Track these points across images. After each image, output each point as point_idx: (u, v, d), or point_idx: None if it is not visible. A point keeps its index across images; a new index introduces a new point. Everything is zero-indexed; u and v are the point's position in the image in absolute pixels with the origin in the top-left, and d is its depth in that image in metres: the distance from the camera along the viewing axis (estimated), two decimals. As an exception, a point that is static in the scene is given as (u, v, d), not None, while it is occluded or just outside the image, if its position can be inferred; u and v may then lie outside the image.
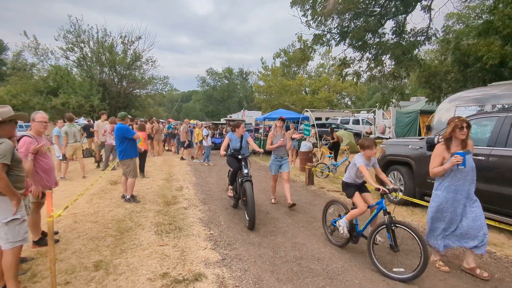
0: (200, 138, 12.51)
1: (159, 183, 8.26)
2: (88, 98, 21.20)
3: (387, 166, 6.60)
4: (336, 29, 11.49)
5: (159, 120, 18.54)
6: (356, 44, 11.17)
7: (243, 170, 5.23)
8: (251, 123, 23.20)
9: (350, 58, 12.05)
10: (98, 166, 10.57)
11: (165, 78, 28.40)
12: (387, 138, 17.81)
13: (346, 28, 11.20)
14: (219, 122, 25.07)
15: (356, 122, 23.30)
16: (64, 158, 8.65)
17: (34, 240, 3.95)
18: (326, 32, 11.61)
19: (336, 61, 14.45)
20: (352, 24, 11.13)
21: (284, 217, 5.48)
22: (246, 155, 5.59)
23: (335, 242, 4.19)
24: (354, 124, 23.00)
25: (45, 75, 23.42)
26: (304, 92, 36.07)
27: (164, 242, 4.20)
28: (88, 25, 27.77)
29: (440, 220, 3.47)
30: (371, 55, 11.66)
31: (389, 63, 11.68)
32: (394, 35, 11.24)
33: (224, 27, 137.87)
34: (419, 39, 10.92)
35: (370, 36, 11.10)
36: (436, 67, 11.83)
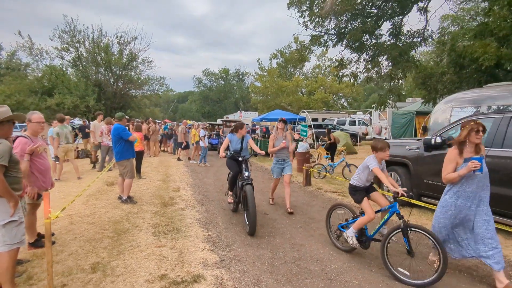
0: (196, 139, 12.47)
1: (156, 184, 8.21)
2: (83, 99, 21.05)
3: (385, 166, 6.61)
4: (333, 30, 11.56)
5: (155, 121, 18.43)
6: (353, 45, 11.24)
7: (244, 172, 5.03)
8: (247, 124, 23.18)
9: (347, 59, 12.13)
10: (94, 167, 10.49)
11: (161, 79, 28.31)
12: (383, 139, 17.87)
13: (343, 29, 11.27)
14: (215, 123, 25.00)
15: (353, 123, 23.40)
16: (57, 159, 8.57)
17: (30, 242, 3.89)
18: (324, 33, 11.67)
19: (333, 62, 14.52)
20: (349, 25, 11.20)
21: (282, 218, 5.47)
22: (247, 157, 5.38)
23: (342, 248, 4.01)
24: (351, 125, 23.10)
25: (39, 75, 23.24)
26: (301, 93, 36.20)
27: (161, 244, 4.16)
28: (84, 25, 27.56)
29: (447, 226, 3.34)
30: (368, 56, 11.73)
31: (386, 64, 11.77)
32: (391, 37, 11.32)
33: (220, 27, 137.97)
34: (415, 40, 11.02)
35: (367, 37, 11.18)
36: (432, 69, 11.92)
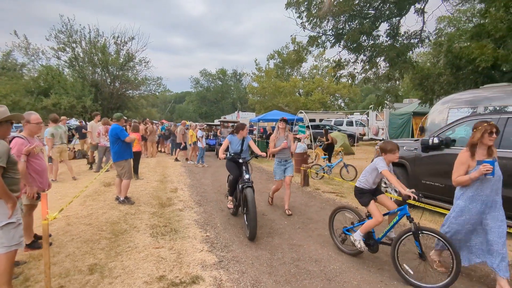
0: (194, 140, 12.44)
1: (153, 185, 8.18)
2: (80, 99, 20.98)
3: (382, 167, 6.63)
4: (331, 31, 11.58)
5: (152, 121, 18.40)
6: (351, 46, 11.27)
7: (244, 175, 4.86)
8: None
9: (345, 60, 12.17)
10: (91, 168, 10.43)
11: (158, 79, 28.35)
12: (380, 140, 17.98)
13: (341, 30, 11.30)
14: (213, 123, 24.97)
15: (350, 123, 23.49)
16: (49, 160, 8.49)
17: (27, 243, 3.85)
18: (321, 34, 11.69)
19: (330, 63, 14.58)
20: (347, 26, 11.24)
21: (280, 218, 5.46)
22: (247, 159, 5.21)
23: (348, 251, 3.91)
24: (348, 125, 23.19)
25: (35, 75, 23.14)
26: (298, 93, 36.24)
27: (160, 245, 4.14)
28: (80, 25, 27.63)
29: (460, 232, 3.21)
30: (365, 57, 11.78)
31: (383, 65, 11.82)
32: (388, 38, 11.37)
33: (218, 28, 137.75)
34: (412, 41, 11.07)
35: (364, 38, 11.22)
36: (428, 70, 12.00)
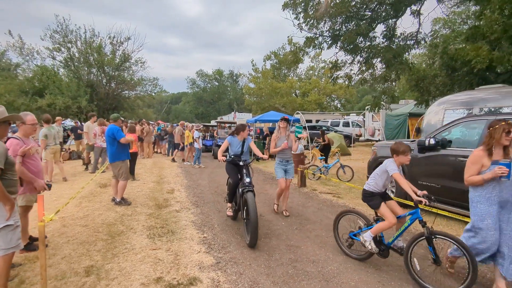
0: (190, 140, 12.41)
1: (150, 186, 8.14)
2: (75, 99, 20.85)
3: (379, 168, 6.66)
4: (328, 32, 11.63)
5: (148, 122, 18.29)
6: (348, 47, 11.32)
7: (245, 178, 4.65)
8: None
9: (342, 61, 12.21)
10: (87, 169, 10.35)
11: (154, 80, 28.25)
12: (376, 141, 18.06)
13: (338, 31, 11.35)
14: (209, 124, 24.92)
15: (346, 124, 23.59)
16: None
17: (22, 245, 3.82)
18: (318, 35, 11.73)
19: (327, 64, 14.64)
20: (344, 27, 11.29)
21: (277, 219, 5.46)
22: (248, 162, 5.01)
23: (355, 256, 3.82)
24: (344, 126, 23.28)
25: (30, 75, 22.95)
26: (295, 94, 36.32)
27: (157, 246, 4.12)
28: (76, 25, 27.38)
29: (486, 240, 2.99)
30: (362, 58, 11.83)
31: (379, 67, 11.88)
32: (385, 39, 11.45)
33: (214, 29, 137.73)
34: (408, 43, 11.15)
35: (361, 40, 11.29)
36: (424, 71, 12.07)
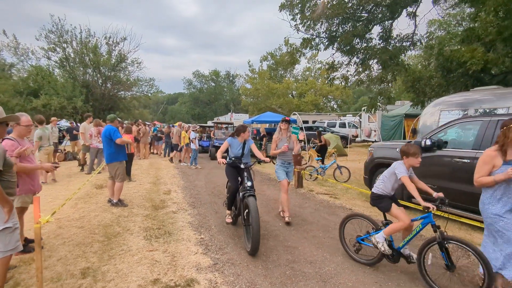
0: (186, 141, 12.37)
1: (146, 187, 8.10)
2: (70, 100, 20.70)
3: (376, 169, 6.69)
4: (324, 33, 11.68)
5: (145, 123, 18.23)
6: (344, 49, 11.39)
7: (246, 182, 4.43)
8: (238, 126, 23.16)
9: (338, 62, 12.27)
10: (82, 170, 10.28)
11: (150, 80, 28.13)
12: (373, 141, 18.15)
13: (335, 33, 11.41)
14: (206, 125, 24.88)
15: (343, 125, 23.69)
16: None
17: (17, 247, 3.77)
18: (315, 36, 11.78)
19: (323, 65, 14.69)
20: (340, 28, 11.35)
21: (275, 220, 5.46)
22: (249, 165, 4.78)
23: (363, 261, 3.71)
24: (341, 127, 23.38)
25: (25, 75, 22.77)
26: (291, 95, 36.36)
27: (153, 247, 4.09)
28: (71, 25, 27.25)
29: (506, 243, 2.90)
30: (358, 60, 11.90)
31: (376, 68, 11.95)
32: (381, 40, 11.53)
33: (211, 29, 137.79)
34: (405, 44, 11.23)
35: (357, 41, 11.36)
36: (420, 72, 12.16)
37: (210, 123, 27.37)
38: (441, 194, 3.08)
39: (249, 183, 4.41)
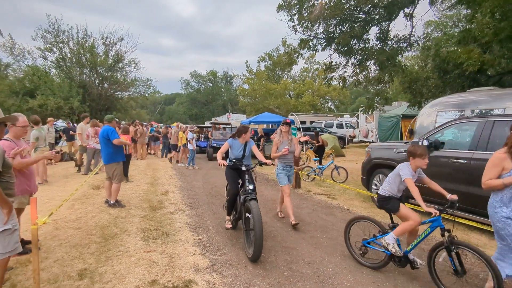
0: (184, 142, 12.34)
1: (144, 188, 8.07)
2: (67, 100, 20.62)
3: (373, 169, 6.71)
4: (322, 34, 11.69)
5: (142, 123, 18.13)
6: (342, 50, 11.41)
7: (247, 185, 4.25)
8: (236, 127, 23.18)
9: (336, 63, 12.30)
10: (79, 170, 10.23)
11: (148, 80, 28.09)
12: (370, 142, 18.21)
13: (332, 34, 11.43)
14: (203, 125, 24.83)
15: (340, 126, 23.77)
16: None
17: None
18: (313, 37, 11.80)
19: (321, 65, 14.74)
20: (338, 29, 11.37)
21: (272, 221, 5.46)
22: (251, 167, 4.60)
23: (370, 265, 3.63)
24: (338, 128, 23.46)
25: (21, 75, 22.65)
26: (289, 95, 36.39)
27: (151, 248, 4.08)
28: (68, 25, 27.19)
29: None
30: (356, 60, 11.92)
31: (373, 69, 11.99)
32: (378, 41, 11.56)
33: (208, 29, 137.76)
34: (402, 45, 11.28)
35: (355, 42, 11.38)
36: (417, 73, 12.21)
37: (207, 124, 27.34)
38: (454, 197, 2.99)
39: (251, 186, 4.24)
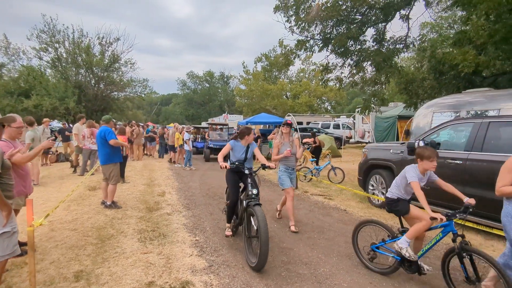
0: (180, 142, 12.31)
1: (140, 189, 8.04)
2: (63, 101, 20.49)
3: (370, 170, 6.75)
4: (319, 35, 11.75)
5: (139, 124, 18.07)
6: (338, 51, 11.47)
7: (250, 189, 3.98)
8: (233, 127, 23.18)
9: (332, 64, 12.36)
10: (75, 171, 10.16)
11: (144, 81, 28.04)
12: (366, 143, 18.28)
13: (329, 35, 11.49)
14: (200, 126, 24.78)
15: (337, 126, 23.85)
16: None
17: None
18: (309, 38, 11.84)
19: (317, 66, 14.81)
20: (335, 30, 11.43)
21: (270, 221, 5.45)
22: (254, 171, 4.35)
23: (379, 270, 3.51)
24: (335, 128, 23.53)
25: (16, 75, 22.49)
26: (285, 96, 36.46)
27: (148, 250, 4.06)
28: (64, 25, 26.90)
29: None
30: (352, 62, 11.99)
31: (370, 70, 12.06)
32: (375, 43, 11.63)
33: (205, 30, 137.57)
34: (398, 46, 11.35)
35: (352, 43, 11.44)
36: (413, 74, 12.30)
37: (204, 124, 27.29)
38: (471, 201, 2.88)
39: (254, 191, 3.97)
